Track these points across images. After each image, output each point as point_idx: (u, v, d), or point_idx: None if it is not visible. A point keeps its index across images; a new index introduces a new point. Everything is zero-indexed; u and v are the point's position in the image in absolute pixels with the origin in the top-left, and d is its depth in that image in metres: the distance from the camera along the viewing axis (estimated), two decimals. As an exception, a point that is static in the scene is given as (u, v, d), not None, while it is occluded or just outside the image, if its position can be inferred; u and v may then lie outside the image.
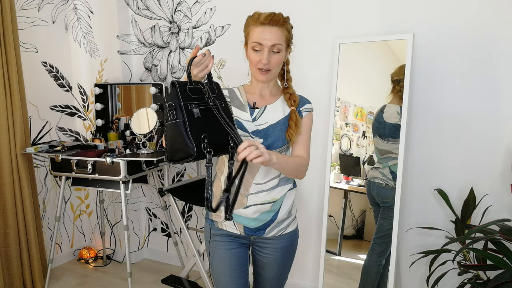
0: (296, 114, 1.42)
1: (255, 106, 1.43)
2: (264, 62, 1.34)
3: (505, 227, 1.62)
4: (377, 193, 2.13)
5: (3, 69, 2.48)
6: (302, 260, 2.55)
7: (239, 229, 1.45)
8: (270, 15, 1.33)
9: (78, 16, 3.04)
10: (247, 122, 1.41)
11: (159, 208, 3.12)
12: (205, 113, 1.24)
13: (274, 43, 1.33)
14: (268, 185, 1.41)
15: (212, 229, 1.50)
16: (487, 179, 2.01)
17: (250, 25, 1.37)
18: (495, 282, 1.50)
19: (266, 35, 1.33)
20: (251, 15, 1.38)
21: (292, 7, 2.38)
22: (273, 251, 1.49)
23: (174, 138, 1.19)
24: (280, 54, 1.36)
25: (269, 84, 1.46)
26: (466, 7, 1.97)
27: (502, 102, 1.95)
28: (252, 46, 1.35)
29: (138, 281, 2.86)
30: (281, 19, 1.34)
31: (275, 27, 1.33)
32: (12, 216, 2.56)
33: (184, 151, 1.18)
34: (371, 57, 2.18)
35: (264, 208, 1.41)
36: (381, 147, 2.12)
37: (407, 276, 2.27)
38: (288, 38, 1.39)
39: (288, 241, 1.51)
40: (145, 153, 2.55)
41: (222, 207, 1.20)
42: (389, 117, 2.08)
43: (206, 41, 2.73)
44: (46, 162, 2.96)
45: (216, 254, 1.48)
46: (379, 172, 2.12)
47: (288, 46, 1.41)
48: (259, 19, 1.34)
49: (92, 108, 3.11)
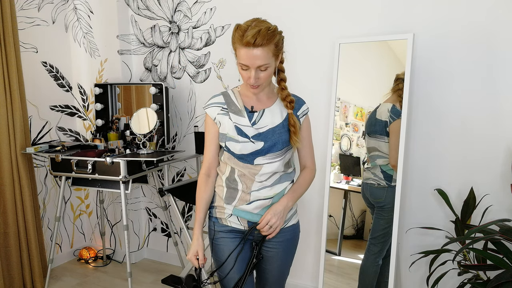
0: (294, 119, 1.43)
1: (253, 110, 1.44)
2: (251, 81, 1.35)
3: (505, 227, 1.62)
4: (370, 193, 2.14)
5: (3, 69, 2.48)
6: (302, 260, 2.55)
7: (243, 224, 1.48)
8: (254, 37, 1.27)
9: (78, 16, 3.04)
10: (247, 127, 1.42)
11: (159, 208, 3.12)
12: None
13: (259, 64, 1.32)
14: (270, 181, 1.44)
15: (216, 226, 1.52)
16: (487, 179, 2.01)
17: (236, 42, 1.33)
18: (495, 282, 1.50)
19: (251, 59, 1.31)
20: (236, 29, 1.33)
21: (292, 7, 2.38)
22: (276, 245, 1.51)
23: None
24: (268, 70, 1.36)
25: (264, 89, 1.47)
26: (466, 7, 1.97)
27: (502, 102, 1.95)
28: (240, 65, 1.36)
29: (138, 281, 2.86)
30: (265, 38, 1.28)
31: (260, 48, 1.29)
32: (12, 216, 2.56)
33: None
34: (371, 57, 2.18)
35: (265, 204, 1.44)
36: (368, 145, 2.13)
37: (407, 276, 2.27)
38: (277, 51, 1.36)
39: (290, 234, 1.53)
40: (145, 153, 2.55)
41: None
42: (380, 114, 2.09)
43: (206, 41, 2.73)
44: (46, 162, 2.96)
45: (221, 249, 1.50)
46: (371, 173, 2.13)
47: (278, 56, 1.38)
48: (243, 40, 1.29)
49: (92, 108, 3.11)
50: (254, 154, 1.41)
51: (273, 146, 1.41)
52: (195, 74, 2.82)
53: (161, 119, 2.73)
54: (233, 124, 1.42)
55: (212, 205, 1.54)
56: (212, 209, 1.53)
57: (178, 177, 3.01)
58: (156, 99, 2.77)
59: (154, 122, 2.59)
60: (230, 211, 1.48)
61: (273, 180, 1.45)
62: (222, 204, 1.49)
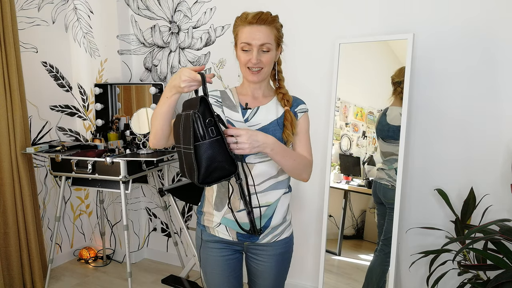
0: (290, 114, 1.38)
1: (247, 107, 1.39)
2: (253, 61, 1.31)
3: (505, 227, 1.62)
4: (383, 194, 2.13)
5: (3, 69, 2.48)
6: (302, 260, 2.55)
7: (232, 235, 1.40)
8: (257, 14, 1.30)
9: (78, 16, 3.04)
10: (239, 123, 1.37)
11: (159, 208, 3.11)
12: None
13: (263, 42, 1.30)
14: (262, 186, 1.36)
15: (203, 234, 1.45)
16: (487, 179, 2.01)
17: (239, 25, 1.34)
18: (495, 282, 1.50)
19: (254, 35, 1.30)
20: (239, 15, 1.35)
21: (292, 7, 2.38)
22: (268, 258, 1.44)
23: (214, 156, 1.15)
24: (270, 53, 1.33)
25: (261, 85, 1.42)
26: (466, 7, 1.97)
27: (502, 102, 1.95)
28: (241, 46, 1.32)
29: (138, 281, 2.86)
30: (269, 17, 1.31)
31: (264, 26, 1.30)
32: (12, 216, 2.56)
33: (226, 168, 1.17)
34: (371, 57, 2.18)
35: (256, 213, 1.34)
36: (384, 150, 2.12)
37: (407, 276, 2.27)
38: (278, 37, 1.35)
39: (283, 247, 1.46)
40: (145, 153, 2.55)
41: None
42: (392, 120, 2.07)
43: (206, 41, 2.73)
44: (46, 162, 2.96)
45: (209, 262, 1.43)
46: (385, 173, 2.12)
47: (279, 46, 1.38)
48: (247, 18, 1.31)
49: (92, 108, 3.11)
50: None
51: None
52: (195, 74, 2.81)
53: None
54: (225, 118, 1.37)
55: (200, 210, 1.48)
56: (200, 216, 1.47)
57: (178, 177, 3.01)
58: (156, 99, 2.77)
59: (154, 122, 2.59)
60: (218, 219, 1.40)
61: (266, 186, 1.36)
62: (211, 210, 1.42)
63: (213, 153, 1.15)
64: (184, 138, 1.17)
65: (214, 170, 1.16)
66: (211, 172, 1.16)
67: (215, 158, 1.15)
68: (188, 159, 1.16)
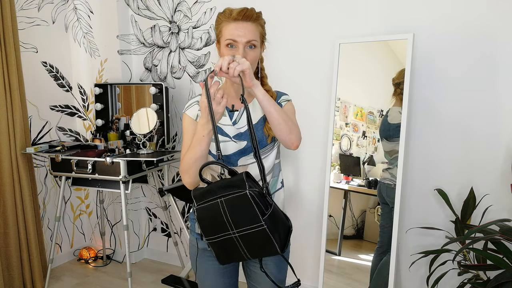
0: None
1: (234, 109, 1.32)
2: None
3: (505, 227, 1.62)
4: (386, 193, 2.13)
5: (3, 69, 2.48)
6: (302, 260, 2.55)
7: None
8: (243, 10, 1.26)
9: (78, 16, 3.04)
10: (228, 127, 1.35)
11: (159, 208, 3.11)
12: None
13: (249, 39, 1.26)
14: None
15: (199, 243, 1.41)
16: (487, 179, 2.01)
17: (222, 21, 1.29)
18: (495, 282, 1.50)
19: (240, 31, 1.25)
20: (222, 11, 1.31)
21: (292, 7, 2.38)
22: (267, 259, 1.41)
23: (279, 216, 1.14)
24: (255, 50, 1.30)
25: None
26: (466, 8, 1.97)
27: (502, 102, 1.95)
28: (226, 43, 1.27)
29: (138, 281, 2.86)
30: (254, 14, 1.28)
31: (249, 22, 1.27)
32: (12, 216, 2.56)
33: (285, 222, 1.16)
34: (371, 57, 2.18)
35: None
36: (389, 149, 2.13)
37: (407, 276, 2.27)
38: (262, 34, 1.33)
39: None
40: (145, 153, 2.55)
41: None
42: (392, 119, 2.09)
43: (206, 41, 2.73)
44: (46, 162, 2.96)
45: (205, 269, 1.41)
46: (389, 173, 2.12)
47: (263, 43, 1.35)
48: (232, 15, 1.26)
49: (92, 108, 3.11)
50: (237, 154, 1.34)
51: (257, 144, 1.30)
52: (195, 74, 2.82)
53: (161, 119, 2.73)
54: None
55: (193, 217, 1.43)
56: (194, 223, 1.42)
57: (178, 177, 3.01)
58: (156, 99, 2.77)
59: (154, 122, 2.60)
60: None
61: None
62: None
63: (279, 213, 1.14)
64: (237, 222, 1.10)
65: (283, 230, 1.15)
66: (281, 231, 1.13)
67: (279, 217, 1.13)
68: (256, 238, 1.10)
